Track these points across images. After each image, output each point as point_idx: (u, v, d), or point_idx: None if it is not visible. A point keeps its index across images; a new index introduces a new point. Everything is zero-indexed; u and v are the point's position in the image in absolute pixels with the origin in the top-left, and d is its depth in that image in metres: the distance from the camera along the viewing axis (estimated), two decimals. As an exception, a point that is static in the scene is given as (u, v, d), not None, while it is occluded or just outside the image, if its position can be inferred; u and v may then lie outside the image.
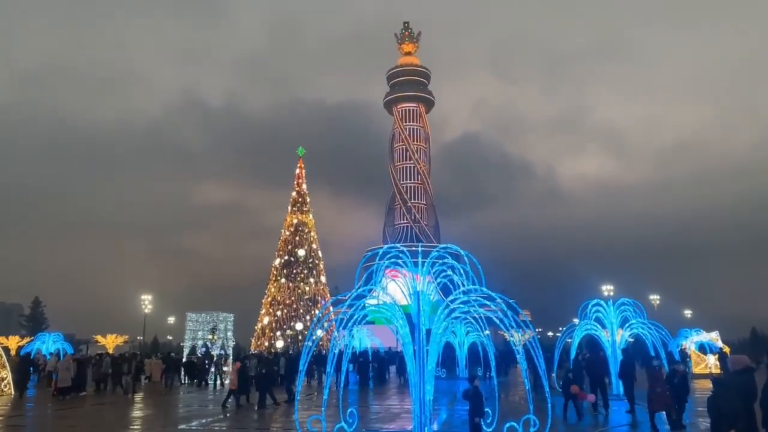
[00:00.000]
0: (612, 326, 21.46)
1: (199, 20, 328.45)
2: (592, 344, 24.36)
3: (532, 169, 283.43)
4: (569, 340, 23.24)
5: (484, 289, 9.90)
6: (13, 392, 23.86)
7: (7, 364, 23.19)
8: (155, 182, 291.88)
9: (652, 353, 20.83)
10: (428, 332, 10.57)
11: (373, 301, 10.81)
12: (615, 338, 21.36)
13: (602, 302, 21.92)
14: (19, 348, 55.18)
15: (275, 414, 18.38)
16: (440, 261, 10.80)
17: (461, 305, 10.68)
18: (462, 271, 10.50)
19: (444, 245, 10.64)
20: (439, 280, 10.76)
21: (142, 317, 69.01)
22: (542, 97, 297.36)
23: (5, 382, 22.44)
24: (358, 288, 10.35)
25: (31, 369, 31.14)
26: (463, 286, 10.41)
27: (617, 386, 21.13)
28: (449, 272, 10.78)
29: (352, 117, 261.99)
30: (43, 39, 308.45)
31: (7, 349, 56.54)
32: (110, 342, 67.01)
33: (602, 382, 17.70)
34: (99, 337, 69.89)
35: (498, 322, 9.75)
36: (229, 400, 19.81)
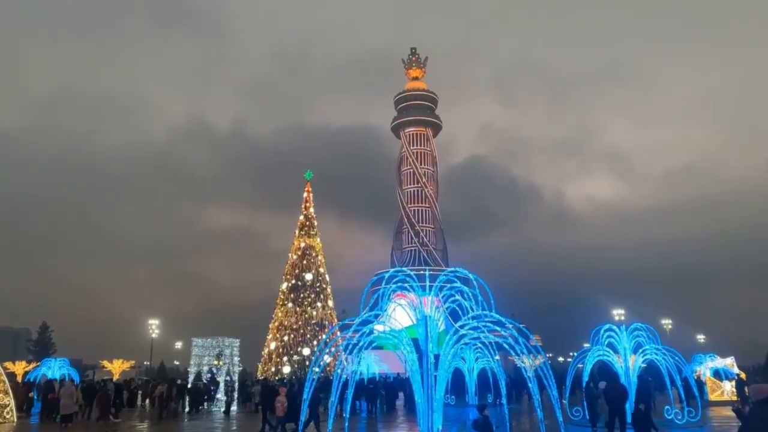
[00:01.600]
0: (625, 352, 20.94)
1: (206, 47, 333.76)
2: (606, 371, 23.77)
3: (540, 193, 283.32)
4: (581, 366, 22.71)
5: (494, 314, 9.59)
6: (15, 419, 23.52)
7: (10, 390, 22.85)
8: (163, 207, 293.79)
9: (667, 380, 20.29)
10: (437, 358, 10.26)
11: (381, 327, 10.52)
12: (628, 364, 20.83)
13: (615, 327, 21.44)
14: (25, 373, 54.79)
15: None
16: (449, 285, 10.51)
17: (470, 331, 10.36)
18: (471, 295, 10.20)
19: (452, 269, 10.37)
20: (447, 305, 10.46)
21: (149, 342, 68.72)
22: (547, 120, 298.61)
23: (8, 408, 22.11)
24: (365, 313, 10.07)
25: (36, 395, 30.83)
26: (473, 310, 10.11)
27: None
28: (458, 297, 10.49)
29: (358, 141, 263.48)
30: (54, 67, 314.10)
31: (13, 375, 56.33)
32: (116, 367, 66.48)
33: (622, 412, 17.11)
34: (105, 363, 69.40)
35: (508, 347, 9.41)
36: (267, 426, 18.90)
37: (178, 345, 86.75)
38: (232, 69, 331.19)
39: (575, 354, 21.85)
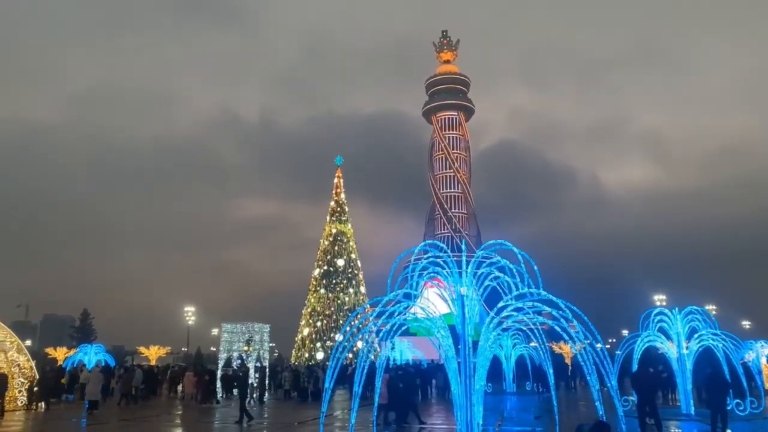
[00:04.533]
0: (678, 337, 19.35)
1: (234, 38, 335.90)
2: (643, 358, 22.12)
3: (574, 177, 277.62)
4: (617, 352, 21.10)
5: (545, 293, 8.29)
6: (43, 405, 23.23)
7: (37, 376, 22.38)
8: (197, 198, 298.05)
9: (725, 367, 18.62)
10: (475, 344, 9.07)
11: (418, 311, 9.33)
12: (682, 350, 19.24)
13: (666, 311, 19.83)
14: (66, 359, 55.49)
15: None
16: (487, 261, 9.25)
17: (513, 313, 9.09)
18: (515, 272, 8.92)
19: (493, 241, 9.09)
20: (486, 283, 9.19)
21: (186, 329, 69.17)
22: (579, 104, 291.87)
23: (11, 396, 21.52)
24: (396, 293, 8.91)
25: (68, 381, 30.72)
26: (517, 289, 8.84)
27: (687, 404, 19.01)
28: (499, 274, 9.22)
29: (388, 128, 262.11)
30: (88, 63, 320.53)
31: (54, 360, 57.18)
32: (153, 353, 67.07)
33: (652, 401, 15.65)
34: (142, 349, 70.23)
35: (561, 331, 8.13)
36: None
37: (214, 332, 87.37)
38: (260, 60, 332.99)
39: (614, 341, 20.26)
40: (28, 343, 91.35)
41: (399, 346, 35.72)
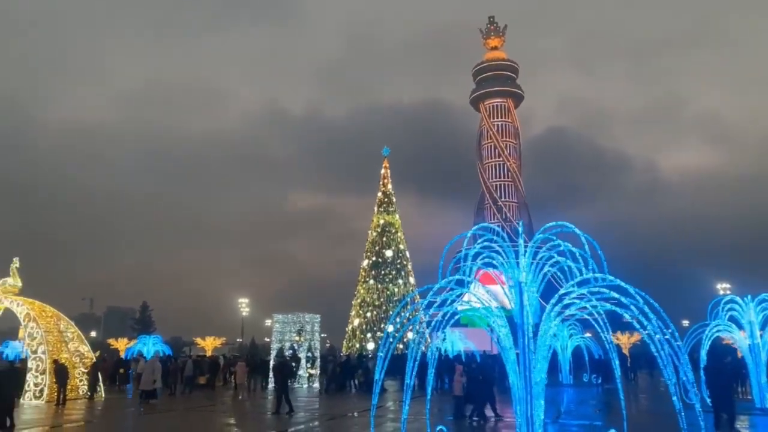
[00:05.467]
0: (751, 326, 18.10)
1: (278, 32, 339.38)
2: (712, 349, 20.86)
3: (629, 163, 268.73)
4: (677, 344, 19.89)
5: (612, 278, 7.61)
6: (103, 395, 23.83)
7: (48, 369, 22.53)
8: (247, 192, 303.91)
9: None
10: (535, 334, 8.48)
11: (472, 299, 8.79)
12: (756, 340, 17.99)
13: (738, 299, 18.58)
14: (126, 349, 57.38)
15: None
16: (547, 245, 8.61)
17: (575, 300, 8.43)
18: (579, 256, 8.26)
19: (552, 223, 8.45)
20: (546, 269, 8.56)
21: (240, 320, 70.52)
22: (632, 88, 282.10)
23: (39, 387, 22.00)
24: (448, 279, 8.40)
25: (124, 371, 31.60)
26: (581, 274, 8.19)
27: (762, 397, 17.78)
28: (560, 259, 8.57)
29: (434, 117, 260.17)
30: (138, 61, 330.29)
31: (116, 351, 59.24)
32: (209, 344, 68.76)
33: (729, 395, 14.60)
34: (199, 340, 72.08)
35: (631, 320, 7.44)
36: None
37: (268, 322, 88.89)
38: (305, 52, 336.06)
39: (693, 329, 19.07)
40: (93, 334, 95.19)
41: (450, 337, 35.13)
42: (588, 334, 31.66)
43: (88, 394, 23.02)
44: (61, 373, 21.22)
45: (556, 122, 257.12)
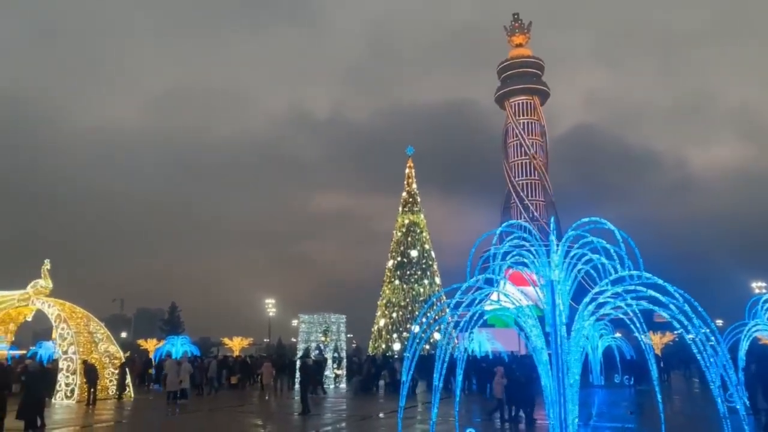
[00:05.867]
0: (792, 327, 17.41)
1: (301, 35, 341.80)
2: (754, 350, 20.16)
3: (658, 160, 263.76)
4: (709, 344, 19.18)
5: (649, 276, 7.26)
6: (132, 395, 24.06)
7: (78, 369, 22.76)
8: (272, 194, 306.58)
9: None
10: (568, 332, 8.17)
11: (502, 298, 8.51)
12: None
13: (777, 298, 17.89)
14: (155, 350, 58.15)
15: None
16: (579, 243, 8.29)
17: (609, 299, 8.10)
18: (613, 253, 7.92)
19: (586, 219, 8.13)
20: (579, 267, 8.25)
21: (267, 320, 70.96)
22: (662, 83, 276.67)
23: (70, 387, 22.20)
24: (476, 278, 8.15)
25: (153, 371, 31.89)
26: (616, 272, 7.86)
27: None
28: (593, 256, 8.25)
29: (458, 116, 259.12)
30: (166, 66, 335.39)
31: (146, 351, 60.05)
32: (236, 344, 69.32)
33: None
34: (226, 340, 72.72)
35: (671, 319, 7.10)
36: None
37: (294, 323, 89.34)
38: (328, 54, 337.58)
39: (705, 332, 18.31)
40: (124, 335, 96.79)
41: (477, 338, 34.71)
42: (618, 335, 30.99)
43: (117, 394, 23.26)
44: (91, 373, 21.46)
45: (583, 119, 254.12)
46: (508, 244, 8.65)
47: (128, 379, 24.18)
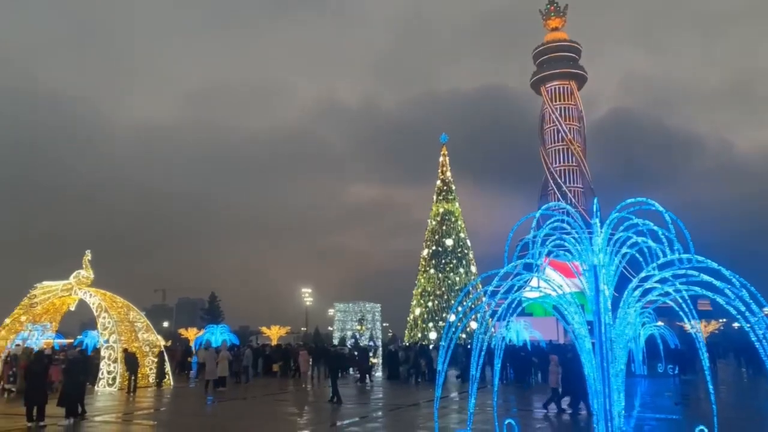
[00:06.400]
0: None
1: (331, 26, 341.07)
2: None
3: (701, 144, 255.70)
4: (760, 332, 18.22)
5: (702, 259, 6.79)
6: (171, 383, 24.46)
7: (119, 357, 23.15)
8: (308, 184, 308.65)
9: None
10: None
11: (542, 284, 8.14)
12: None
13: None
14: (196, 339, 59.26)
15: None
16: (624, 225, 7.84)
17: (656, 285, 7.64)
18: (662, 236, 7.44)
19: (632, 200, 7.67)
20: (625, 250, 7.81)
21: (304, 309, 71.61)
22: (703, 64, 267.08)
23: (112, 375, 22.58)
24: (515, 264, 7.79)
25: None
26: (664, 256, 7.40)
27: None
28: (638, 239, 7.79)
29: (492, 103, 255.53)
30: (199, 61, 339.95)
31: (186, 340, 61.23)
32: (274, 333, 70.19)
33: None
34: (264, 329, 73.73)
35: (731, 309, 6.62)
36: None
37: (330, 312, 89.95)
38: (358, 45, 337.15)
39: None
40: (165, 324, 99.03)
41: (514, 326, 34.15)
42: (660, 323, 30.08)
43: (156, 381, 23.65)
44: (131, 361, 21.84)
45: (622, 103, 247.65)
46: (548, 228, 8.25)
47: (167, 367, 24.57)
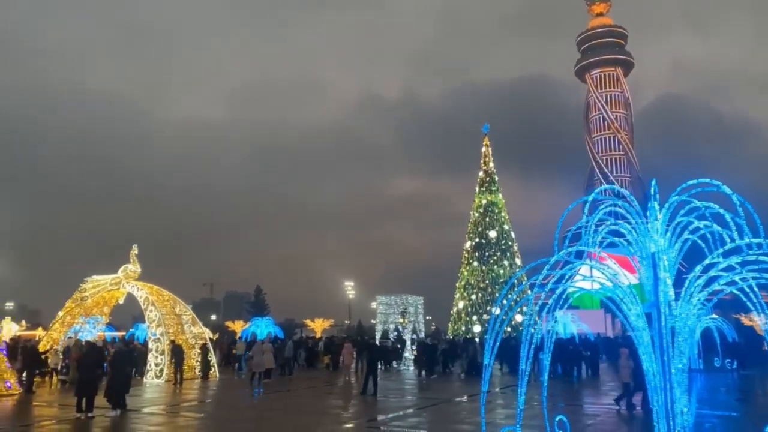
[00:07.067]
0: None
1: (369, 19, 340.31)
2: None
3: (754, 130, 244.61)
4: None
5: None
6: (217, 374, 24.75)
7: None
8: (349, 178, 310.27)
9: None
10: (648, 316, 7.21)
11: (597, 273, 7.64)
12: None
13: None
14: (242, 331, 60.23)
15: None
16: (687, 208, 7.27)
17: (722, 273, 7.05)
18: (730, 220, 6.85)
19: (694, 181, 7.09)
20: (686, 236, 7.25)
21: (347, 302, 71.92)
22: (758, 47, 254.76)
23: (159, 367, 22.91)
24: (566, 251, 7.33)
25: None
26: (731, 241, 6.81)
27: None
28: (701, 224, 7.22)
29: (533, 92, 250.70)
30: (241, 60, 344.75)
31: (233, 333, 62.28)
32: (318, 326, 70.80)
33: None
34: (308, 321, 74.47)
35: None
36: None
37: (373, 305, 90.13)
38: (397, 37, 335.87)
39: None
40: (213, 317, 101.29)
41: (561, 319, 33.30)
42: (714, 315, 28.80)
43: (200, 374, 23.94)
44: (177, 353, 22.16)
45: (671, 89, 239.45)
46: (601, 212, 7.75)
47: (213, 359, 24.86)
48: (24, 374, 20.32)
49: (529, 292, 14.10)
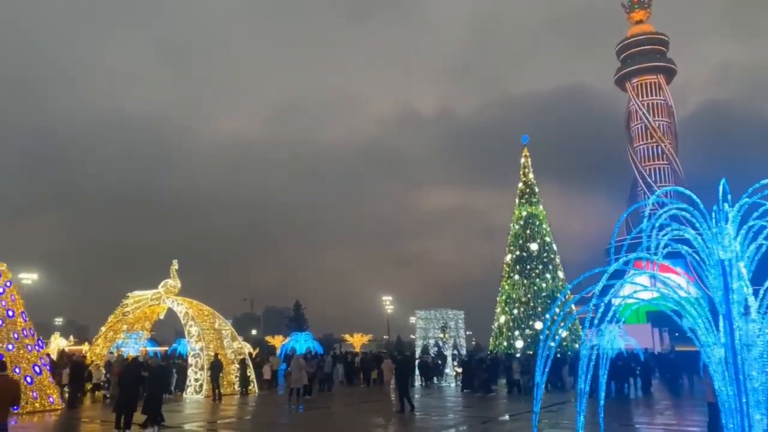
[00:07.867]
0: None
1: (402, 33, 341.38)
2: None
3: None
4: None
5: None
6: (256, 390, 24.54)
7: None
8: (387, 194, 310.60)
9: None
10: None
11: (658, 284, 7.06)
12: None
13: None
14: (281, 346, 60.36)
15: None
16: (761, 210, 6.62)
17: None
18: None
19: (769, 179, 6.44)
20: (761, 241, 6.59)
21: (386, 317, 71.40)
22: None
23: (199, 383, 22.79)
24: (624, 258, 6.75)
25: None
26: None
27: None
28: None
29: (571, 102, 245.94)
30: (281, 77, 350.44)
31: (273, 347, 62.42)
32: (357, 341, 70.44)
33: None
34: (347, 336, 74.20)
35: None
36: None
37: (412, 320, 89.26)
38: (431, 50, 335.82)
39: None
40: (254, 332, 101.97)
41: (609, 334, 32.01)
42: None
43: (240, 389, 23.75)
44: (216, 369, 22.01)
45: (717, 95, 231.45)
46: (664, 216, 7.14)
47: (252, 375, 24.67)
48: (66, 388, 20.44)
49: (575, 308, 13.38)
